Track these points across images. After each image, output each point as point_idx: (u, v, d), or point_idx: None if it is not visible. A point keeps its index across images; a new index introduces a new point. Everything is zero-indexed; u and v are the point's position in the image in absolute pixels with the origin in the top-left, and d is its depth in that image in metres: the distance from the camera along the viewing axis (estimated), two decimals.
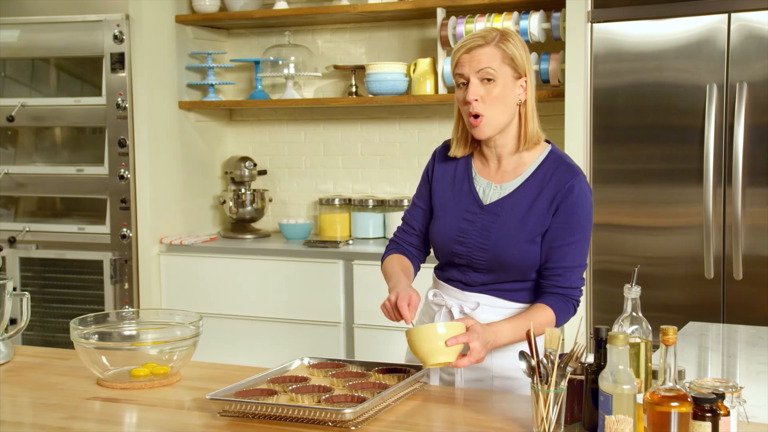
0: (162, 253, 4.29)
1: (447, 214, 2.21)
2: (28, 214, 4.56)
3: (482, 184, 2.19)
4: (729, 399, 1.63)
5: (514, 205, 2.14)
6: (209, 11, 4.39)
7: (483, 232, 2.14)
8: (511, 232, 2.12)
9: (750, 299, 3.24)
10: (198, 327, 2.23)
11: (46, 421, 1.92)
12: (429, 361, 1.94)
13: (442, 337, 1.93)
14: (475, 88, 2.08)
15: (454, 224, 2.18)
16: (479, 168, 2.22)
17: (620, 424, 1.57)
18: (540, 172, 2.15)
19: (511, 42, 2.11)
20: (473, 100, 2.09)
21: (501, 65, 2.09)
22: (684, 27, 3.31)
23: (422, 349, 1.94)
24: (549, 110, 4.11)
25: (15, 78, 4.56)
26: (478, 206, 2.17)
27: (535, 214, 2.12)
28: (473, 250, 2.14)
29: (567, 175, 2.12)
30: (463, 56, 2.10)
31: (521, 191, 2.14)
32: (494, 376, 2.17)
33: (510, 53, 2.10)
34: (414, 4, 4.00)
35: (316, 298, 4.02)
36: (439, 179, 2.26)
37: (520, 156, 2.18)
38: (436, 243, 2.24)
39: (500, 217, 2.14)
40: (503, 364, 2.16)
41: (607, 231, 3.47)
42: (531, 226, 2.11)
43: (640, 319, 1.75)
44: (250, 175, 4.56)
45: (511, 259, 2.12)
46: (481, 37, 2.10)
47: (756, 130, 3.21)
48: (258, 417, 1.85)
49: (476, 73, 2.08)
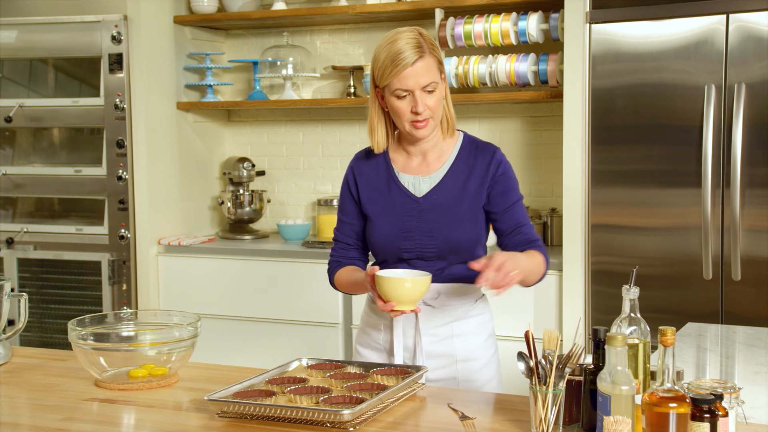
0: (160, 254, 4.29)
1: (384, 215, 2.30)
2: (26, 214, 4.56)
3: (408, 180, 2.30)
4: (727, 400, 1.63)
5: (448, 190, 2.26)
6: (207, 12, 4.38)
7: (427, 222, 2.25)
8: (453, 214, 2.24)
9: (748, 300, 3.24)
10: (196, 328, 2.23)
11: (43, 422, 1.92)
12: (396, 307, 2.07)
13: (408, 288, 2.05)
14: (423, 99, 2.17)
15: (395, 223, 2.27)
16: (401, 165, 2.32)
17: (618, 425, 1.57)
18: (462, 156, 2.29)
19: (432, 43, 2.20)
20: (423, 110, 2.17)
21: (437, 73, 2.20)
22: (682, 28, 3.31)
23: (390, 296, 2.06)
24: (547, 111, 4.12)
25: (13, 79, 4.56)
26: (412, 200, 2.27)
27: (470, 193, 2.25)
28: (421, 240, 2.25)
29: (489, 150, 2.29)
30: (405, 72, 2.14)
31: (450, 176, 2.27)
32: (458, 360, 2.29)
33: (438, 57, 2.21)
34: (412, 5, 4.00)
35: (315, 299, 4.02)
36: (364, 187, 2.35)
37: (441, 147, 2.30)
38: (380, 245, 2.31)
39: (439, 204, 2.25)
40: (464, 347, 2.30)
41: (605, 232, 3.47)
42: (468, 204, 2.25)
43: (638, 320, 1.75)
44: (249, 176, 4.56)
45: (458, 238, 2.24)
46: (416, 48, 2.15)
47: (754, 130, 3.21)
48: (256, 418, 1.85)
49: (422, 87, 2.16)
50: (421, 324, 2.29)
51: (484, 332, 2.34)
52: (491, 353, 2.36)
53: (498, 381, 2.37)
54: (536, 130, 4.16)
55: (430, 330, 2.29)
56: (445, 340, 2.29)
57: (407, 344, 2.31)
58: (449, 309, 2.29)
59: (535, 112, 4.16)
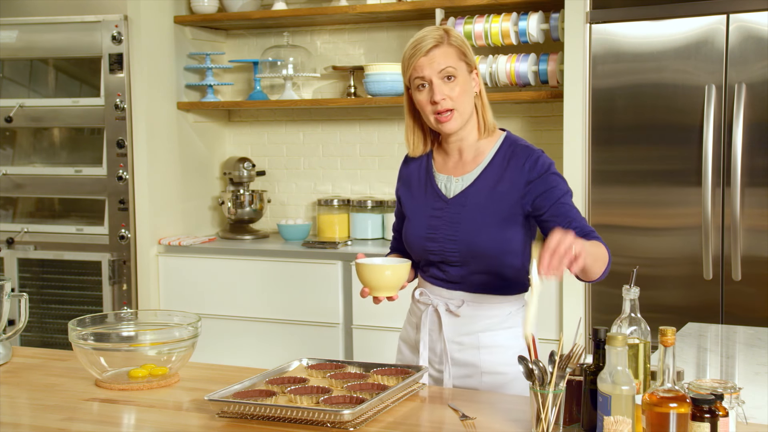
0: (160, 254, 4.29)
1: (416, 215, 2.28)
2: (26, 214, 4.56)
3: (443, 180, 2.26)
4: (728, 400, 1.63)
5: (477, 193, 2.20)
6: (208, 12, 4.38)
7: (451, 224, 2.20)
8: (477, 219, 2.17)
9: (749, 300, 3.24)
10: (196, 328, 2.23)
11: (44, 422, 1.92)
12: (373, 293, 2.14)
13: (387, 276, 2.11)
14: (440, 87, 2.13)
15: (423, 222, 2.24)
16: (440, 165, 2.28)
17: (619, 425, 1.57)
18: (498, 157, 2.21)
19: (458, 38, 2.18)
20: (441, 100, 2.13)
21: (458, 62, 2.15)
22: (683, 28, 3.31)
23: (370, 283, 2.13)
24: (547, 111, 4.12)
25: (13, 79, 4.56)
26: (442, 201, 2.23)
27: (499, 197, 2.17)
28: (444, 243, 2.20)
29: (524, 154, 2.19)
30: (421, 60, 2.14)
31: (482, 179, 2.20)
32: (483, 372, 2.21)
33: (462, 49, 2.17)
34: (413, 5, 4.00)
35: (315, 299, 4.02)
36: (404, 188, 2.35)
37: (479, 145, 2.24)
38: (409, 243, 2.29)
39: (465, 207, 2.19)
40: (491, 359, 2.21)
41: (605, 231, 3.46)
42: (496, 208, 2.17)
43: (638, 320, 1.75)
44: (249, 176, 4.56)
45: (481, 245, 2.16)
46: (432, 38, 2.14)
47: (754, 130, 3.21)
48: (256, 418, 1.85)
49: (438, 74, 2.13)
50: (446, 330, 2.23)
51: (516, 346, 2.18)
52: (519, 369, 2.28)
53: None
54: (537, 130, 4.16)
55: (456, 338, 2.23)
56: (471, 350, 2.22)
57: (433, 347, 2.26)
58: (476, 319, 2.22)
59: (536, 112, 4.16)
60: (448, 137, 2.23)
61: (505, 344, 2.20)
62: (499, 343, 2.20)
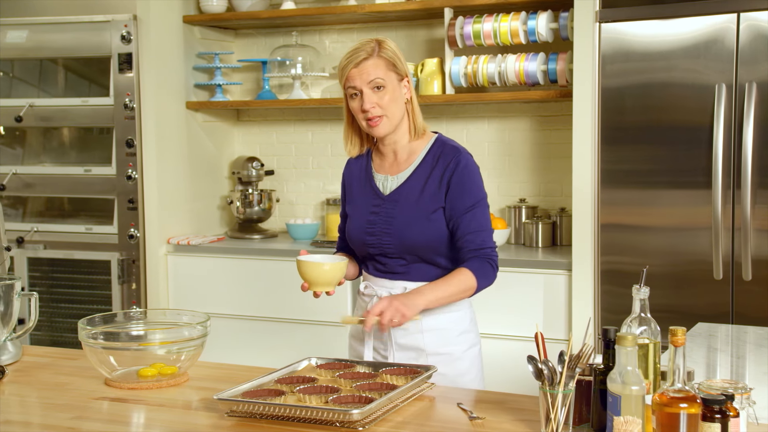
0: (169, 254, 4.30)
1: (356, 211, 2.47)
2: (36, 214, 4.58)
3: (380, 179, 2.45)
4: (738, 400, 1.63)
5: (410, 189, 2.39)
6: (217, 11, 4.39)
7: (387, 219, 2.39)
8: (409, 214, 2.37)
9: (759, 300, 3.23)
10: (206, 327, 2.23)
11: (54, 421, 1.93)
12: (312, 288, 2.30)
13: (325, 272, 2.27)
14: (369, 97, 2.32)
15: (362, 218, 2.44)
16: (378, 165, 2.48)
17: (629, 425, 1.56)
18: (428, 157, 2.41)
19: (389, 50, 2.36)
20: (371, 108, 2.32)
21: (387, 72, 2.34)
22: (693, 26, 3.30)
23: (309, 278, 2.28)
24: (557, 110, 4.11)
25: (23, 78, 4.57)
26: (379, 198, 2.43)
27: (428, 194, 2.37)
28: (381, 237, 2.39)
29: (451, 154, 2.39)
30: (352, 71, 2.33)
31: (414, 177, 2.40)
32: (428, 353, 2.38)
33: (392, 61, 2.35)
34: (421, 5, 4.00)
35: (324, 299, 3.99)
36: (348, 185, 2.54)
37: (411, 146, 2.43)
38: (351, 238, 2.48)
39: (399, 203, 2.39)
40: (435, 341, 2.38)
41: (615, 231, 3.46)
42: (425, 204, 2.36)
43: (648, 320, 1.75)
44: (258, 176, 4.57)
45: (414, 237, 2.35)
46: (364, 51, 2.33)
47: (765, 130, 3.19)
48: (265, 417, 1.86)
49: (367, 84, 2.32)
50: None
51: (457, 328, 2.41)
52: (464, 348, 2.41)
53: (475, 376, 2.43)
54: (546, 129, 4.15)
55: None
56: (415, 334, 2.38)
57: (379, 335, 2.41)
58: None
59: (545, 111, 4.15)
60: (383, 140, 2.42)
61: (446, 327, 2.40)
62: (441, 326, 2.39)
